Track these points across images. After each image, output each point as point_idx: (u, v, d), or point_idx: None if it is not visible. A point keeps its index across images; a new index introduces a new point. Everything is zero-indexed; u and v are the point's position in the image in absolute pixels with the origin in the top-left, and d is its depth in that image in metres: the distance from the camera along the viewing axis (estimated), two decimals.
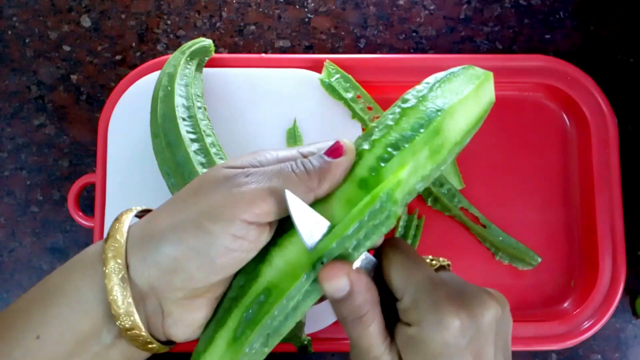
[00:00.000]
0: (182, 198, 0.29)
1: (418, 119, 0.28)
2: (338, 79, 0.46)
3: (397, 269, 0.29)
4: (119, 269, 0.27)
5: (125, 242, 0.28)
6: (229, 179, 0.28)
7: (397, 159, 0.28)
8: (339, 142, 0.29)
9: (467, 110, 0.29)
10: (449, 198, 0.47)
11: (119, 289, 0.27)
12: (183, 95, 0.42)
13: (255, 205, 0.27)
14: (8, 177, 0.50)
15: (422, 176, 0.29)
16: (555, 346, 0.45)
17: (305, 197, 0.28)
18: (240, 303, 0.29)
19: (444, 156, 0.29)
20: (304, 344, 0.41)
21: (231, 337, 0.28)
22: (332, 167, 0.28)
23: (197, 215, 0.27)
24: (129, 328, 0.28)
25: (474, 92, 0.29)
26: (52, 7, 0.52)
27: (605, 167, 0.47)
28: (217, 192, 0.27)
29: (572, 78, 0.48)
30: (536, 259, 0.47)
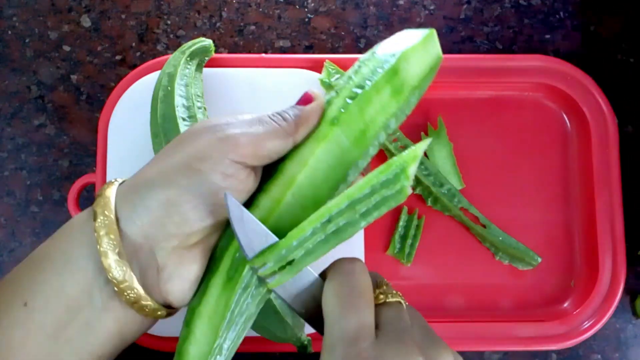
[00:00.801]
0: (165, 151, 0.29)
1: (375, 63, 0.31)
2: (338, 79, 0.46)
3: (335, 302, 0.27)
4: (108, 221, 0.27)
5: (114, 198, 0.28)
6: (212, 127, 0.28)
7: (363, 95, 0.30)
8: (308, 92, 0.31)
9: (419, 57, 0.31)
10: (449, 198, 0.47)
11: (108, 240, 0.27)
12: (183, 95, 0.42)
13: (241, 146, 0.28)
14: (8, 177, 0.50)
15: (390, 114, 0.30)
16: (555, 346, 0.45)
17: (285, 143, 0.29)
18: (230, 246, 0.29)
19: (406, 96, 0.31)
20: (304, 344, 0.41)
21: (224, 279, 0.28)
22: (305, 113, 0.30)
23: (185, 158, 0.28)
24: (120, 281, 0.27)
25: (421, 42, 0.32)
26: (52, 7, 0.52)
27: (605, 167, 0.47)
28: (202, 138, 0.28)
29: (572, 78, 0.48)
30: (536, 259, 0.47)
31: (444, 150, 0.48)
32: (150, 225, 0.27)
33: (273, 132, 0.29)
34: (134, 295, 0.27)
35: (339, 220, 0.27)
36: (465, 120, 0.49)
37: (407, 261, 0.47)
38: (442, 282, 0.47)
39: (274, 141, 0.29)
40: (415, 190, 0.48)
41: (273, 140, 0.29)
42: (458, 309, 0.47)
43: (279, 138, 0.29)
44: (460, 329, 0.45)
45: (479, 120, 0.49)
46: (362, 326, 0.27)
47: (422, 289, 0.47)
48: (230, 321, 0.28)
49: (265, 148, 0.28)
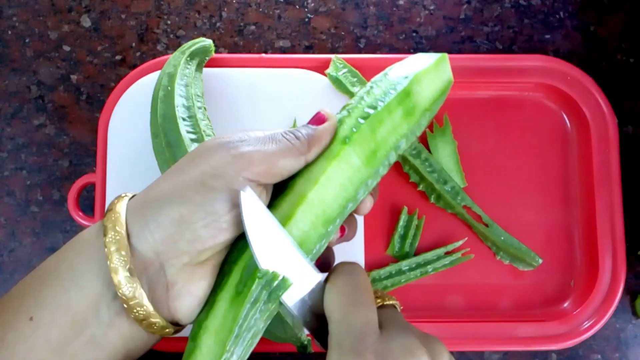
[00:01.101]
0: (179, 167, 0.29)
1: (388, 85, 0.31)
2: (345, 73, 0.46)
3: (339, 301, 0.28)
4: (119, 237, 0.27)
5: (125, 213, 0.28)
6: (225, 144, 0.29)
7: (375, 116, 0.30)
8: (321, 112, 0.31)
9: (431, 80, 0.32)
10: (453, 196, 0.47)
11: (119, 257, 0.27)
12: (183, 95, 0.42)
13: (254, 164, 0.28)
14: (8, 177, 0.50)
15: (401, 134, 0.31)
16: (555, 346, 0.45)
17: (298, 161, 0.29)
18: (240, 260, 0.28)
19: (417, 118, 0.31)
20: (304, 344, 0.41)
21: (233, 293, 0.28)
22: (318, 133, 0.30)
23: (199, 175, 0.28)
24: (130, 298, 0.27)
25: (433, 66, 0.32)
26: (52, 7, 0.52)
27: (605, 167, 0.47)
28: (216, 154, 0.28)
29: (572, 78, 0.48)
30: (537, 260, 0.47)
31: (448, 148, 0.48)
32: (161, 242, 0.27)
33: (286, 150, 0.29)
34: (143, 313, 0.27)
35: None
36: (465, 120, 0.49)
37: None
38: (442, 282, 0.47)
39: (287, 159, 0.29)
40: (419, 187, 0.48)
41: (286, 159, 0.29)
42: (458, 309, 0.47)
43: (292, 156, 0.29)
44: (460, 329, 0.45)
45: (478, 120, 0.49)
46: (368, 321, 0.27)
47: (422, 289, 0.47)
48: (237, 336, 0.28)
49: (279, 166, 0.29)
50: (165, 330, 0.29)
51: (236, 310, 0.28)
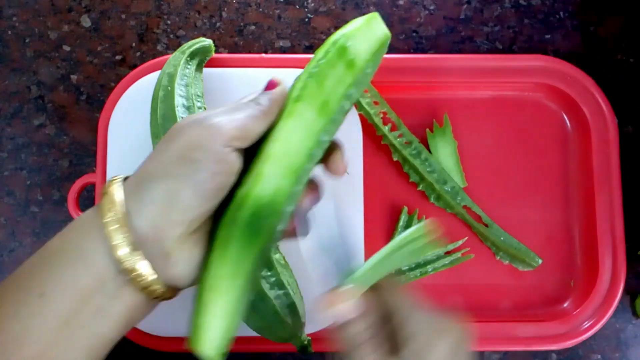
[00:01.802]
0: (159, 147, 0.32)
1: (327, 47, 0.35)
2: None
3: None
4: (119, 217, 0.29)
5: (122, 194, 0.30)
6: (198, 119, 0.31)
7: (318, 72, 0.34)
8: (272, 79, 0.34)
9: (364, 35, 0.36)
10: (452, 196, 0.47)
11: (119, 234, 0.29)
12: (183, 95, 0.42)
13: (227, 131, 0.30)
14: (8, 177, 0.50)
15: (348, 84, 0.34)
16: (555, 346, 0.45)
17: (264, 123, 0.32)
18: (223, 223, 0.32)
19: (360, 68, 0.35)
20: (304, 344, 0.41)
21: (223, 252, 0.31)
22: (274, 96, 0.33)
23: (180, 149, 0.30)
24: (132, 270, 0.29)
25: (364, 23, 0.36)
26: (52, 7, 0.52)
27: (605, 167, 0.47)
28: (192, 129, 0.31)
29: (572, 78, 0.48)
30: (537, 261, 0.47)
31: (448, 148, 0.48)
32: (156, 215, 0.30)
33: (252, 115, 0.32)
34: (145, 282, 0.30)
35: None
36: (465, 120, 0.49)
37: None
38: (442, 282, 0.47)
39: (254, 122, 0.32)
40: (419, 187, 0.48)
41: (253, 122, 0.32)
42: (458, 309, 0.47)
43: (258, 119, 0.32)
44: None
45: (479, 120, 0.49)
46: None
47: (422, 289, 0.47)
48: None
49: (248, 129, 0.31)
50: (166, 295, 0.31)
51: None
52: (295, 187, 0.32)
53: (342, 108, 0.34)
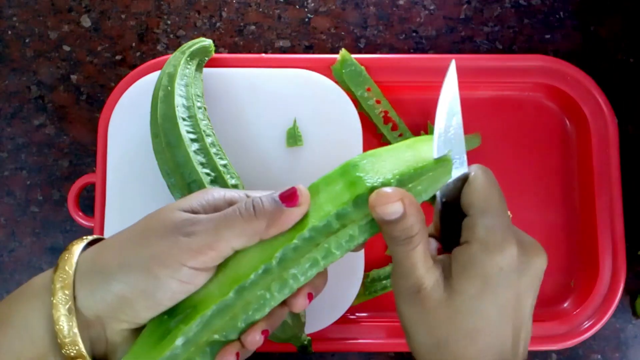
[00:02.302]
0: (130, 237, 0.30)
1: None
2: (351, 70, 0.46)
3: (483, 187, 0.31)
4: (66, 300, 0.28)
5: (73, 274, 0.29)
6: (178, 227, 0.29)
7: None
8: (296, 190, 0.30)
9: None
10: None
11: (65, 319, 0.28)
12: (183, 95, 0.42)
13: (202, 254, 0.28)
14: (8, 177, 0.50)
15: (341, 203, 0.30)
16: (555, 346, 0.45)
17: (251, 242, 0.29)
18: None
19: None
20: (304, 344, 0.41)
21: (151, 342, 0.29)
22: (283, 215, 0.29)
23: (146, 259, 0.28)
24: (74, 357, 0.28)
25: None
26: (52, 7, 0.52)
27: (605, 167, 0.47)
28: (166, 238, 0.28)
29: (572, 78, 0.48)
30: None
31: None
32: (103, 311, 0.29)
33: (241, 233, 0.29)
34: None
35: None
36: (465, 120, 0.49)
37: None
38: None
39: (239, 242, 0.29)
40: None
41: (239, 241, 0.29)
42: None
43: (245, 238, 0.29)
44: None
45: (479, 120, 0.49)
46: (506, 208, 0.31)
47: None
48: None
49: (229, 249, 0.29)
50: None
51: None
52: (230, 301, 0.29)
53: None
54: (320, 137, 0.46)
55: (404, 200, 0.29)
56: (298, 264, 0.29)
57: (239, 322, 0.29)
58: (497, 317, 0.30)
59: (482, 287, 0.29)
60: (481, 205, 0.30)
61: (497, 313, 0.30)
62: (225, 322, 0.29)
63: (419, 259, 0.30)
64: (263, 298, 0.29)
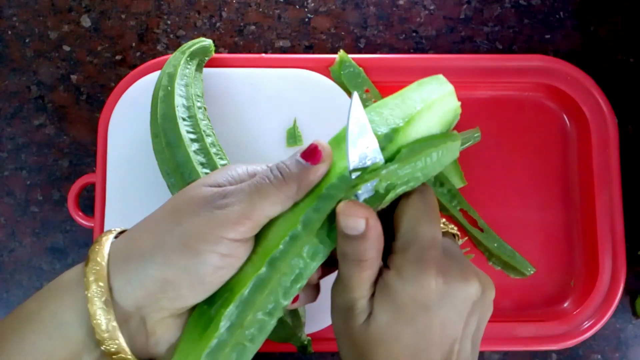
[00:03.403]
0: (161, 218, 0.29)
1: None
2: (349, 72, 0.46)
3: (411, 213, 0.29)
4: (102, 292, 0.27)
5: (107, 265, 0.28)
6: (209, 201, 0.28)
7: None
8: (318, 146, 0.29)
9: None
10: (448, 199, 0.47)
11: (102, 313, 0.27)
12: (183, 95, 0.42)
13: (239, 224, 0.27)
14: (8, 177, 0.50)
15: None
16: (555, 346, 0.45)
17: (285, 206, 0.28)
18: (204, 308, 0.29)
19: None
20: (304, 344, 0.41)
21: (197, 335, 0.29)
22: (310, 173, 0.28)
23: (183, 236, 0.27)
24: (114, 352, 0.27)
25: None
26: (52, 7, 0.52)
27: (605, 167, 0.47)
28: (200, 214, 0.28)
29: (572, 78, 0.48)
30: (529, 270, 0.46)
31: None
32: (143, 299, 0.27)
33: (275, 200, 0.28)
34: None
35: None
36: (465, 120, 0.49)
37: None
38: None
39: (274, 209, 0.28)
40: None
41: (274, 209, 0.28)
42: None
43: (280, 204, 0.28)
44: None
45: (479, 120, 0.49)
46: (435, 237, 0.29)
47: None
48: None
49: (265, 218, 0.28)
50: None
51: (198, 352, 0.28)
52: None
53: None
54: (320, 137, 0.45)
55: (369, 220, 0.28)
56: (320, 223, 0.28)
57: (280, 297, 0.28)
58: (417, 346, 0.28)
59: (395, 316, 0.28)
60: (405, 233, 0.29)
61: (415, 342, 0.28)
62: (265, 298, 0.28)
63: (360, 283, 0.29)
64: (297, 267, 0.28)
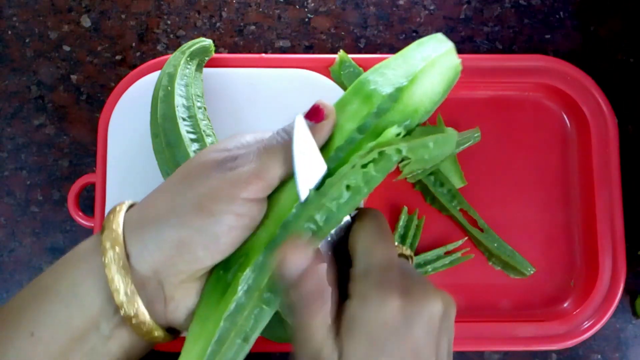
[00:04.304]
0: (174, 183, 0.29)
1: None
2: (349, 72, 0.46)
3: (365, 237, 0.29)
4: (119, 258, 0.27)
5: (122, 231, 0.28)
6: (220, 163, 0.28)
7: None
8: (319, 105, 0.29)
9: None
10: (448, 199, 0.47)
11: (120, 278, 0.27)
12: (183, 95, 0.42)
13: (251, 184, 0.27)
14: (8, 177, 0.50)
15: (361, 117, 0.30)
16: (555, 346, 0.45)
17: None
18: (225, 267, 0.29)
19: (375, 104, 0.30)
20: None
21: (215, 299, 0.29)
22: (316, 131, 0.29)
23: (197, 197, 0.27)
24: (133, 316, 0.27)
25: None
26: (52, 7, 0.52)
27: (605, 167, 0.47)
28: (212, 176, 0.28)
29: (572, 78, 0.48)
30: (529, 270, 0.46)
31: None
32: (160, 262, 0.28)
33: (284, 160, 0.28)
34: (145, 328, 0.28)
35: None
36: (465, 120, 0.49)
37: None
38: (442, 282, 0.47)
39: (284, 168, 0.28)
40: (415, 187, 0.48)
41: (284, 168, 0.28)
42: (458, 309, 0.47)
43: (289, 164, 0.28)
44: (460, 329, 0.45)
45: (478, 120, 0.49)
46: (392, 258, 0.29)
47: None
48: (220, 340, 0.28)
49: (276, 177, 0.28)
50: (166, 340, 0.29)
51: (218, 314, 0.28)
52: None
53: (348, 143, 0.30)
54: None
55: (308, 261, 0.27)
56: (335, 187, 0.28)
57: None
58: None
59: (368, 347, 0.27)
60: (363, 258, 0.29)
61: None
62: None
63: (320, 327, 0.27)
64: (309, 229, 0.28)
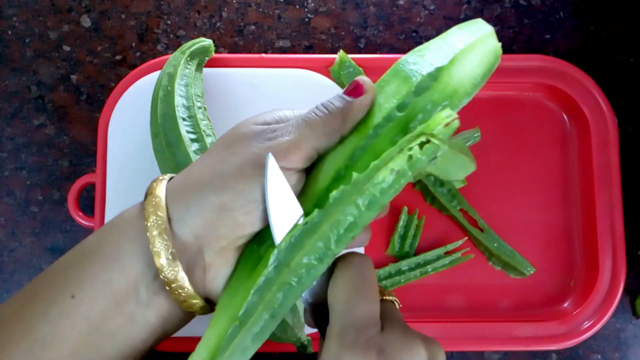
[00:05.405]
0: (216, 153, 0.30)
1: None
2: (349, 72, 0.46)
3: (344, 291, 0.28)
4: (161, 221, 0.28)
5: (165, 197, 0.29)
6: (260, 135, 0.29)
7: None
8: (358, 81, 0.30)
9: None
10: (448, 199, 0.47)
11: (161, 241, 0.27)
12: (183, 95, 0.42)
13: (290, 153, 0.28)
14: (8, 177, 0.50)
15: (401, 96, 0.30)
16: (555, 346, 0.45)
17: (334, 140, 0.29)
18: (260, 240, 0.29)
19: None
20: (304, 344, 0.41)
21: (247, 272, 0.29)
22: (354, 107, 0.29)
23: (239, 164, 0.28)
24: (172, 280, 0.27)
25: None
26: (52, 7, 0.52)
27: (605, 167, 0.47)
28: (252, 145, 0.29)
29: (572, 78, 0.48)
30: (529, 270, 0.46)
31: None
32: (202, 227, 0.28)
33: (322, 133, 0.29)
34: (184, 294, 0.28)
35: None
36: (465, 120, 0.49)
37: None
38: (442, 282, 0.47)
39: (322, 141, 0.29)
40: (415, 187, 0.48)
41: (322, 141, 0.29)
42: (458, 309, 0.47)
43: (327, 137, 0.29)
44: (460, 329, 0.45)
45: (478, 120, 0.49)
46: (372, 315, 0.28)
47: (422, 289, 0.47)
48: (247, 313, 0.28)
49: (316, 149, 0.29)
50: (204, 310, 0.29)
51: (246, 289, 0.28)
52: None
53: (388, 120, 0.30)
54: None
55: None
56: (381, 172, 0.28)
57: (331, 244, 0.28)
58: None
59: None
60: (340, 315, 0.27)
61: None
62: (314, 242, 0.28)
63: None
64: (351, 214, 0.28)
